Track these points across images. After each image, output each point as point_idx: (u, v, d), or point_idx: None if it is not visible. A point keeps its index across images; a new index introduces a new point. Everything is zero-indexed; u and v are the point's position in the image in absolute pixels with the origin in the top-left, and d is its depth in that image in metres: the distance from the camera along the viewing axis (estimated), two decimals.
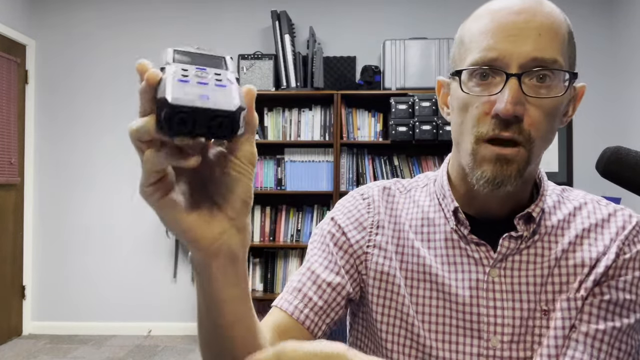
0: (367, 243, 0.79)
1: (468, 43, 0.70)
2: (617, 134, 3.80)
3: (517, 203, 0.74)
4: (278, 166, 3.70)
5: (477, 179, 0.68)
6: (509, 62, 0.65)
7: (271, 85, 3.63)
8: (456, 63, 0.72)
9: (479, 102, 0.67)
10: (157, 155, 0.41)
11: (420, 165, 3.66)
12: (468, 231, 0.74)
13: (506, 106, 0.63)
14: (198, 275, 0.50)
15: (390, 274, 0.77)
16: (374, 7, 3.94)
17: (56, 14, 4.04)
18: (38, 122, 4.03)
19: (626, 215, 0.74)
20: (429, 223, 0.79)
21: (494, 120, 0.66)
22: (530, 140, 0.66)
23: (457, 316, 0.73)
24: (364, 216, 0.81)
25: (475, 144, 0.68)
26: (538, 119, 0.66)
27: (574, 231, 0.74)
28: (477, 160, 0.68)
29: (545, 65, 0.65)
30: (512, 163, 0.66)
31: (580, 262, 0.71)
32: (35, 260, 4.01)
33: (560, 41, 0.67)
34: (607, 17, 3.86)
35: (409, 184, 0.85)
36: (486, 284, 0.72)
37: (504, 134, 0.65)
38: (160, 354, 3.51)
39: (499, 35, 0.66)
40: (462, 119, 0.70)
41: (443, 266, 0.75)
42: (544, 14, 0.66)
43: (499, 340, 0.71)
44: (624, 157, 0.62)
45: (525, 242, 0.73)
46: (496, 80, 0.66)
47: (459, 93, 0.70)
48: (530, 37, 0.65)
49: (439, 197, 0.79)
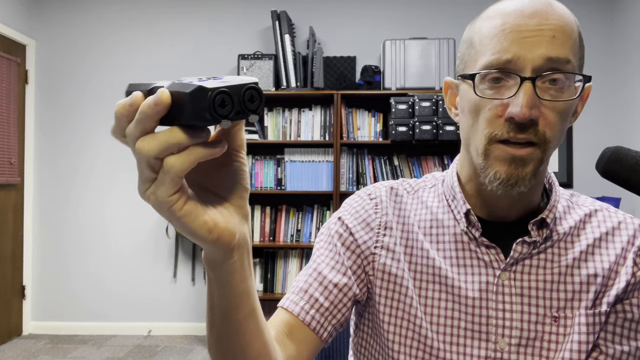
0: (374, 244, 0.79)
1: (479, 45, 0.69)
2: (617, 134, 3.80)
3: (527, 205, 0.74)
4: (278, 166, 3.70)
5: (490, 180, 0.68)
6: (523, 66, 0.64)
7: (271, 85, 3.63)
8: (466, 64, 0.72)
9: (492, 104, 0.67)
10: (187, 154, 0.40)
11: (420, 165, 3.65)
12: (479, 233, 0.74)
13: (522, 110, 0.63)
14: (217, 272, 0.50)
15: (398, 275, 0.77)
16: (374, 7, 3.94)
17: (56, 14, 4.04)
18: (38, 122, 4.03)
19: (636, 224, 0.74)
20: (437, 224, 0.78)
21: (507, 123, 0.66)
22: (545, 142, 0.66)
23: (465, 318, 0.73)
24: (371, 216, 0.81)
25: (488, 144, 0.67)
26: (552, 120, 0.66)
27: (585, 240, 0.74)
28: (489, 161, 0.68)
29: (558, 66, 0.65)
30: (527, 164, 0.66)
31: (593, 272, 0.71)
32: (35, 260, 4.01)
33: (572, 42, 0.67)
34: (607, 17, 3.86)
35: (416, 184, 0.85)
36: (496, 287, 0.72)
37: (519, 136, 0.65)
38: (160, 354, 3.51)
39: (512, 38, 0.65)
40: (474, 121, 0.70)
41: (452, 268, 0.75)
42: (556, 16, 0.66)
43: (506, 343, 0.71)
44: (624, 157, 0.62)
45: (537, 247, 0.73)
46: (509, 84, 0.66)
47: (470, 95, 0.69)
48: (544, 40, 0.64)
49: (448, 198, 0.79)
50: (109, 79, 3.99)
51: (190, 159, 0.40)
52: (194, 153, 0.40)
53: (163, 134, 0.40)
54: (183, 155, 0.40)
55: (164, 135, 0.40)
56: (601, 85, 3.80)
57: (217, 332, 0.55)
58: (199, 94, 0.39)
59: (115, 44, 4.00)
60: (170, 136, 0.40)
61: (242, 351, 0.56)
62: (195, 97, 0.39)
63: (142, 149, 0.40)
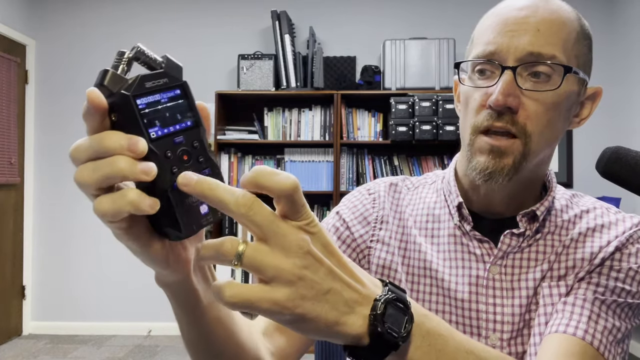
0: (370, 237, 0.80)
1: (475, 39, 0.71)
2: (617, 134, 3.79)
3: (524, 202, 0.74)
4: (278, 166, 3.70)
5: (472, 169, 0.69)
6: (506, 56, 0.66)
7: (271, 85, 3.63)
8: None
9: (478, 94, 0.68)
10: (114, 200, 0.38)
11: (420, 165, 3.65)
12: (470, 227, 0.74)
13: (497, 97, 0.64)
14: (171, 291, 0.50)
15: (392, 268, 0.77)
16: (374, 7, 3.94)
17: (56, 14, 4.04)
18: (38, 122, 4.03)
19: (635, 221, 0.73)
20: (434, 219, 0.79)
21: (488, 111, 0.67)
22: (525, 133, 0.66)
23: (456, 312, 0.73)
24: (368, 211, 0.81)
25: (472, 134, 0.69)
26: (535, 112, 0.66)
27: (577, 230, 0.73)
28: (473, 151, 0.69)
29: (541, 60, 0.65)
30: (506, 155, 0.66)
31: (580, 256, 0.71)
32: (35, 260, 4.01)
33: (562, 38, 0.66)
34: (607, 17, 3.86)
35: (417, 181, 0.86)
36: (486, 281, 0.72)
37: (496, 124, 0.66)
38: (160, 354, 3.51)
39: (499, 30, 0.67)
40: (464, 113, 0.72)
41: (444, 262, 0.75)
42: (547, 10, 0.67)
43: (498, 338, 0.71)
44: (623, 157, 0.62)
45: (527, 241, 0.72)
46: (495, 74, 0.67)
47: (461, 88, 0.72)
48: (529, 32, 0.65)
49: (445, 193, 0.80)
50: None
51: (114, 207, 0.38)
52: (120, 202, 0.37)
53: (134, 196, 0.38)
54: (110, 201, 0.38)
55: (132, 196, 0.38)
56: (601, 85, 3.79)
57: (186, 340, 0.56)
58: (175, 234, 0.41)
59: (115, 44, 4.00)
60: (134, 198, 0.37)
61: (215, 356, 0.56)
62: (171, 234, 0.41)
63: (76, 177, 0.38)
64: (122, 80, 0.39)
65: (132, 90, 0.38)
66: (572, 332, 0.63)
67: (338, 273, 0.40)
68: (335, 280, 0.40)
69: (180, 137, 0.40)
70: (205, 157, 0.42)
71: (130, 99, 0.38)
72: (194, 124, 0.42)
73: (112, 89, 0.38)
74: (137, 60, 0.41)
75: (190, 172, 0.38)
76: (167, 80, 0.41)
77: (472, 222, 0.74)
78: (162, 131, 0.39)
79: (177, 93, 0.42)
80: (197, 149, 0.41)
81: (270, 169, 0.38)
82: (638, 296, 0.68)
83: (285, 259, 0.38)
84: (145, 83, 0.39)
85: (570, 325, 0.64)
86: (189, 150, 0.41)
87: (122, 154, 0.37)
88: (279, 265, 0.38)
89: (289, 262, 0.38)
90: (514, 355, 0.70)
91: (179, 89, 0.42)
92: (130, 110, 0.38)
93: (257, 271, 0.38)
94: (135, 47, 0.41)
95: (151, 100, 0.39)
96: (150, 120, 0.39)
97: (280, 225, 0.38)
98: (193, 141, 0.41)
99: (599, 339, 0.63)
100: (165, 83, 0.41)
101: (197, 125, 0.42)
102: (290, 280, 0.38)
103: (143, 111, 0.39)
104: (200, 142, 0.42)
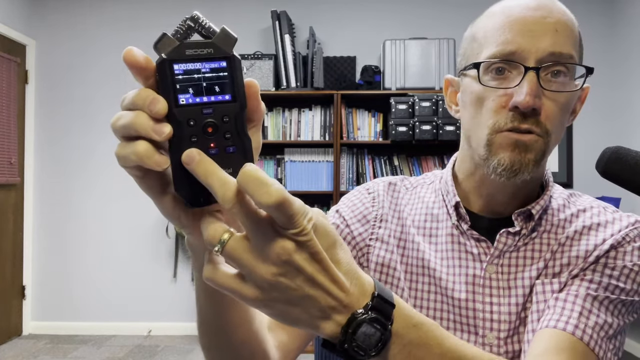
0: (369, 236, 0.80)
1: (482, 39, 0.70)
2: (617, 134, 3.80)
3: (524, 200, 0.74)
4: (278, 166, 3.70)
5: (494, 167, 0.68)
6: (527, 56, 0.65)
7: (271, 85, 3.63)
8: (468, 59, 0.72)
9: (495, 95, 0.68)
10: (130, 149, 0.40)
11: (420, 165, 3.66)
12: (468, 226, 0.74)
13: (526, 98, 0.64)
14: (197, 256, 0.50)
15: (390, 266, 0.78)
16: (374, 7, 3.94)
17: (56, 14, 4.04)
18: (38, 122, 4.03)
19: (632, 219, 0.73)
20: (432, 219, 0.79)
21: (511, 113, 0.66)
22: (547, 134, 0.66)
23: (453, 311, 0.73)
24: (368, 209, 0.82)
25: (491, 134, 0.68)
26: (553, 112, 0.66)
27: (574, 228, 0.73)
28: (492, 150, 0.68)
29: (561, 61, 0.65)
30: (530, 150, 0.66)
31: (575, 254, 0.71)
32: (35, 260, 4.01)
33: (574, 39, 0.68)
34: (606, 17, 3.86)
35: (415, 181, 0.86)
36: (483, 280, 0.72)
37: (522, 126, 0.66)
38: (160, 354, 3.51)
39: (517, 30, 0.66)
40: (476, 113, 0.70)
41: (442, 261, 0.75)
42: (559, 11, 0.67)
43: (495, 337, 0.71)
44: (623, 157, 0.62)
45: (523, 240, 0.73)
46: (512, 75, 0.67)
47: (473, 87, 0.70)
48: (548, 33, 0.65)
49: (443, 193, 0.80)
50: (109, 79, 3.99)
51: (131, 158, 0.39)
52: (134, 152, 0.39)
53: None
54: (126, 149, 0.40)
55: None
56: (601, 85, 3.80)
57: (202, 318, 0.57)
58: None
59: (115, 44, 4.00)
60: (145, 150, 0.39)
61: (226, 337, 0.57)
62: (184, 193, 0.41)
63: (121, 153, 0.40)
64: (173, 44, 0.40)
65: (170, 55, 0.39)
66: (562, 327, 0.64)
67: (319, 281, 0.40)
68: (314, 288, 0.40)
69: (210, 109, 0.40)
70: (234, 135, 0.40)
71: (165, 62, 0.39)
72: (231, 99, 0.41)
73: (162, 51, 0.40)
74: (191, 29, 0.42)
75: (196, 150, 0.39)
76: (211, 50, 0.41)
77: (469, 222, 0.74)
78: (193, 99, 0.40)
79: (222, 65, 0.41)
80: (226, 123, 0.40)
81: (259, 177, 0.36)
82: (632, 294, 0.68)
83: (262, 264, 0.38)
84: (187, 50, 0.40)
85: (561, 321, 0.64)
86: (216, 123, 0.40)
87: (144, 110, 0.38)
88: (254, 268, 0.38)
89: (264, 268, 0.38)
90: (511, 353, 0.70)
91: (225, 62, 0.41)
92: (164, 73, 0.39)
93: (235, 264, 0.39)
94: (193, 14, 0.42)
95: (190, 67, 0.40)
96: (184, 87, 0.39)
97: (265, 230, 0.38)
98: (224, 116, 0.40)
99: (590, 334, 0.64)
100: (209, 53, 0.40)
101: (235, 100, 0.41)
102: (261, 285, 0.39)
103: (177, 77, 0.39)
104: (232, 119, 0.40)
